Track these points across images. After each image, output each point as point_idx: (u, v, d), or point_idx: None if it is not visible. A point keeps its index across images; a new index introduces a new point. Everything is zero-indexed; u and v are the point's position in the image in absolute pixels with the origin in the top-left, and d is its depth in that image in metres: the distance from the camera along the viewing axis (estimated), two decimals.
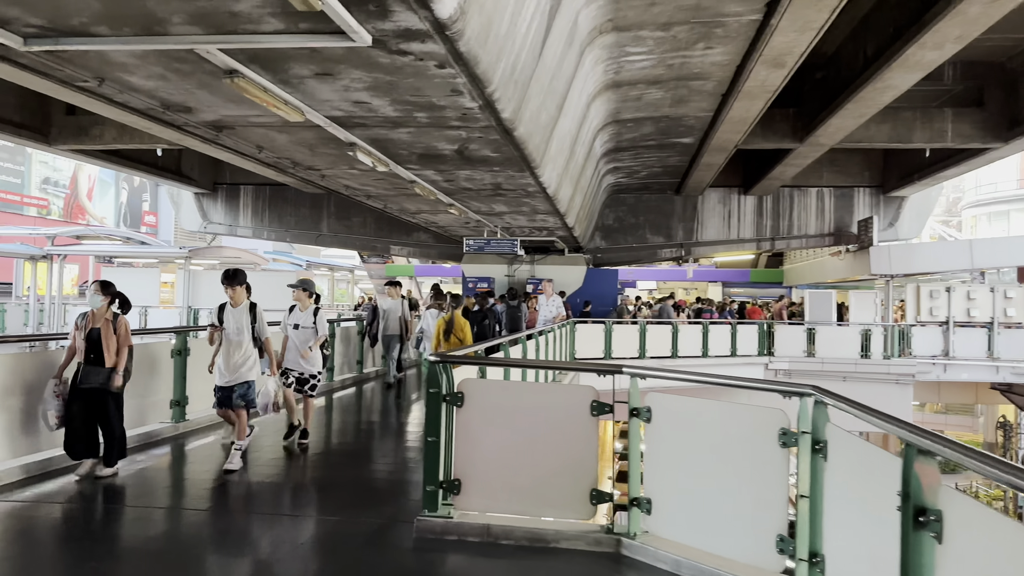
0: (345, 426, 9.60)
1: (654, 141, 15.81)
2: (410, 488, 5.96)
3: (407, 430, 9.11)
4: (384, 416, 10.43)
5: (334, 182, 11.26)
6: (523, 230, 16.92)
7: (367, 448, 8.14)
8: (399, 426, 9.49)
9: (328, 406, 11.02)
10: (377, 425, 9.69)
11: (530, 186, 10.70)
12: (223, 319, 6.54)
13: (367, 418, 10.37)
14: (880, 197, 22.16)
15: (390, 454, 7.73)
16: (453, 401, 4.63)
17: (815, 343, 20.96)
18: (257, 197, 23.73)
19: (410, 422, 9.67)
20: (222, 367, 6.53)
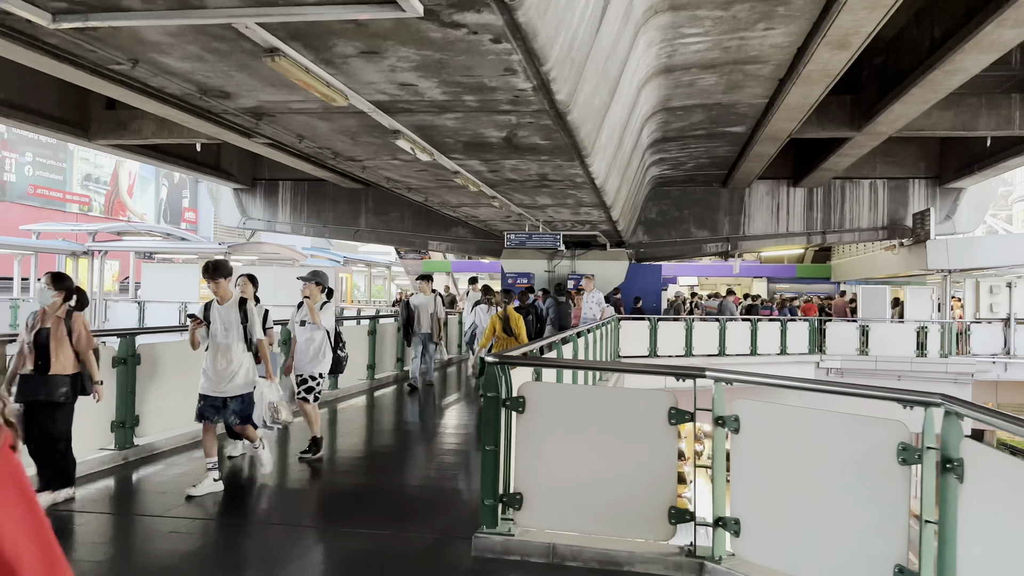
0: (382, 428, 9.15)
1: (703, 130, 15.22)
2: (459, 499, 5.55)
3: (449, 434, 8.65)
4: (423, 418, 9.93)
5: (375, 174, 10.89)
6: (565, 224, 16.44)
7: (407, 453, 7.69)
8: (440, 430, 9.05)
9: (368, 404, 10.62)
10: (416, 428, 9.21)
11: (578, 177, 10.23)
12: (209, 317, 5.68)
13: (405, 420, 9.85)
14: (936, 189, 21.26)
15: (433, 460, 7.29)
16: (513, 406, 4.20)
17: (868, 341, 20.20)
18: (295, 193, 23.56)
19: (452, 425, 9.23)
20: (209, 373, 5.65)
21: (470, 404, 11.12)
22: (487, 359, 4.30)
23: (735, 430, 3.83)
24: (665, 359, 17.71)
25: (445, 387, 13.28)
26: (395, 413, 10.34)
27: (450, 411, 10.75)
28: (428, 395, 11.60)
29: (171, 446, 6.94)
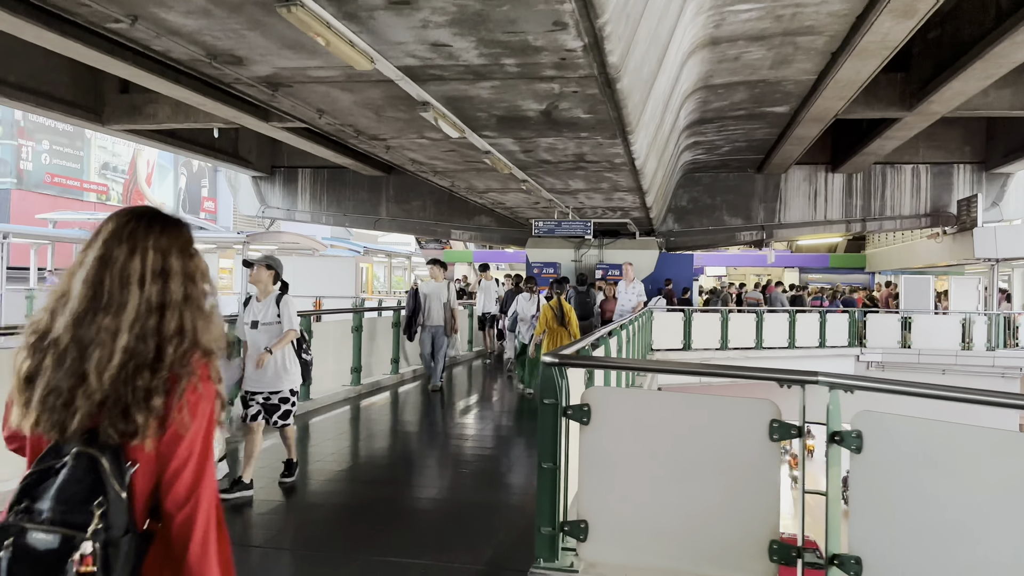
0: (388, 441, 8.09)
1: (743, 111, 14.39)
2: (499, 523, 4.85)
3: (467, 447, 7.66)
4: (432, 428, 8.68)
5: (399, 155, 10.19)
6: (596, 211, 15.68)
7: (419, 469, 6.72)
8: (456, 442, 7.95)
9: (358, 417, 9.17)
10: (426, 440, 8.03)
11: (617, 157, 9.48)
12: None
13: (412, 432, 8.50)
14: (982, 174, 20.27)
15: (452, 478, 6.38)
16: (576, 416, 3.49)
17: (911, 333, 19.29)
18: (315, 180, 22.97)
19: (469, 437, 8.25)
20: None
21: (505, 405, 10.33)
22: (544, 359, 3.60)
23: (856, 449, 3.10)
24: (699, 352, 16.95)
25: (471, 384, 12.59)
26: (397, 424, 9.00)
27: (480, 414, 9.79)
28: (441, 399, 10.40)
29: None
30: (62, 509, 1.38)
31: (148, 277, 1.54)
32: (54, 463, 1.43)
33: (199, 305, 1.61)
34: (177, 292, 1.57)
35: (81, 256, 1.57)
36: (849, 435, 3.13)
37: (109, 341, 1.48)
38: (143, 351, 1.50)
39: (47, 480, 1.42)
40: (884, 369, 19.49)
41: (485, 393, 11.70)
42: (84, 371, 1.46)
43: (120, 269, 1.53)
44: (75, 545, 1.35)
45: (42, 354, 1.50)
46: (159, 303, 1.54)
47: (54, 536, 1.36)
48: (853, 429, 3.14)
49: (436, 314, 10.46)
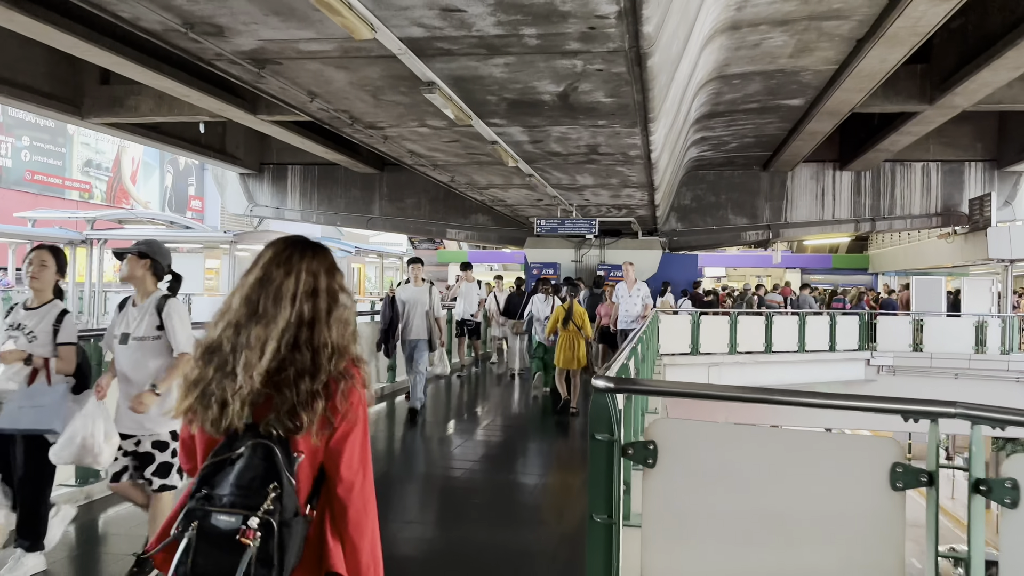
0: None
1: (756, 104, 13.71)
2: None
3: (462, 486, 6.16)
4: (412, 461, 7.22)
5: (397, 146, 9.44)
6: (600, 209, 14.97)
7: (403, 510, 5.37)
8: (447, 477, 6.49)
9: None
10: (413, 477, 6.55)
11: (633, 149, 8.78)
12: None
13: (385, 462, 6.88)
14: (995, 172, 19.67)
15: (456, 525, 5.00)
16: (640, 457, 2.75)
17: (923, 336, 18.65)
18: (305, 178, 22.20)
19: (467, 470, 6.78)
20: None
21: (501, 424, 9.08)
22: (596, 384, 2.87)
23: (1011, 503, 2.38)
24: (707, 356, 16.27)
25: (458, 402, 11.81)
26: (380, 447, 7.43)
27: (446, 449, 7.82)
28: (410, 426, 8.63)
29: None
30: (241, 494, 1.58)
31: (300, 295, 1.76)
32: (228, 455, 1.64)
33: (342, 318, 1.82)
34: (322, 307, 1.78)
35: (243, 280, 1.81)
36: (1000, 484, 2.41)
37: (258, 347, 1.70)
38: (300, 360, 1.72)
39: (223, 470, 1.63)
40: (896, 374, 18.88)
41: (470, 413, 10.27)
42: (235, 372, 1.69)
43: (276, 288, 1.75)
44: (247, 522, 1.54)
45: (205, 360, 1.74)
46: (310, 318, 1.76)
47: (236, 518, 1.56)
48: (1006, 478, 2.43)
49: (417, 325, 8.67)
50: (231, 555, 1.54)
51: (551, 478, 6.09)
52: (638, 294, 12.47)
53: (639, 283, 12.64)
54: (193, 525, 1.57)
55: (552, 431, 8.55)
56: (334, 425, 1.72)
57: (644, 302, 12.41)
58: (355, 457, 1.77)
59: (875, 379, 18.95)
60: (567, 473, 6.31)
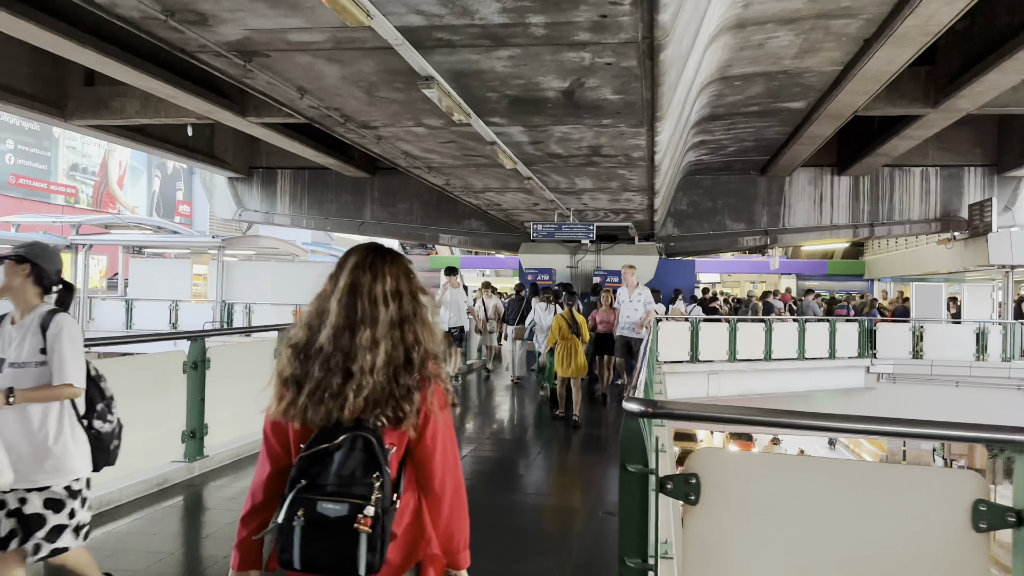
0: None
1: (757, 107, 13.41)
2: None
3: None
4: None
5: (391, 147, 9.08)
6: (598, 213, 14.63)
7: None
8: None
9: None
10: None
11: (636, 150, 8.45)
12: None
13: None
14: (994, 177, 19.46)
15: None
16: (679, 492, 2.39)
17: (923, 343, 18.41)
18: (295, 182, 21.80)
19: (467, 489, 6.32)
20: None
21: (491, 451, 7.70)
22: (628, 407, 2.51)
23: None
24: (706, 364, 15.95)
25: (474, 403, 11.41)
26: None
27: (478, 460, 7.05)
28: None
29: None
30: (344, 483, 1.70)
31: (389, 297, 1.91)
32: (326, 446, 1.75)
33: (423, 318, 1.95)
34: (408, 308, 1.93)
35: (331, 284, 1.95)
36: None
37: (372, 348, 1.84)
38: (397, 357, 1.86)
39: (320, 461, 1.74)
40: (896, 381, 18.62)
41: (467, 425, 9.41)
42: (350, 371, 1.81)
43: (367, 292, 1.89)
44: (362, 510, 1.67)
45: (305, 361, 1.85)
46: (399, 318, 1.90)
47: (343, 505, 1.68)
48: None
49: None
50: (336, 540, 1.67)
51: (558, 499, 5.71)
52: (639, 299, 11.55)
53: (640, 287, 11.76)
54: (300, 514, 1.67)
55: (558, 445, 8.13)
56: (428, 416, 1.85)
57: (647, 307, 11.45)
58: (447, 448, 1.91)
59: (875, 387, 18.70)
60: (574, 493, 5.95)
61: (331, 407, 1.78)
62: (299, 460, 1.75)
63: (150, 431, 5.50)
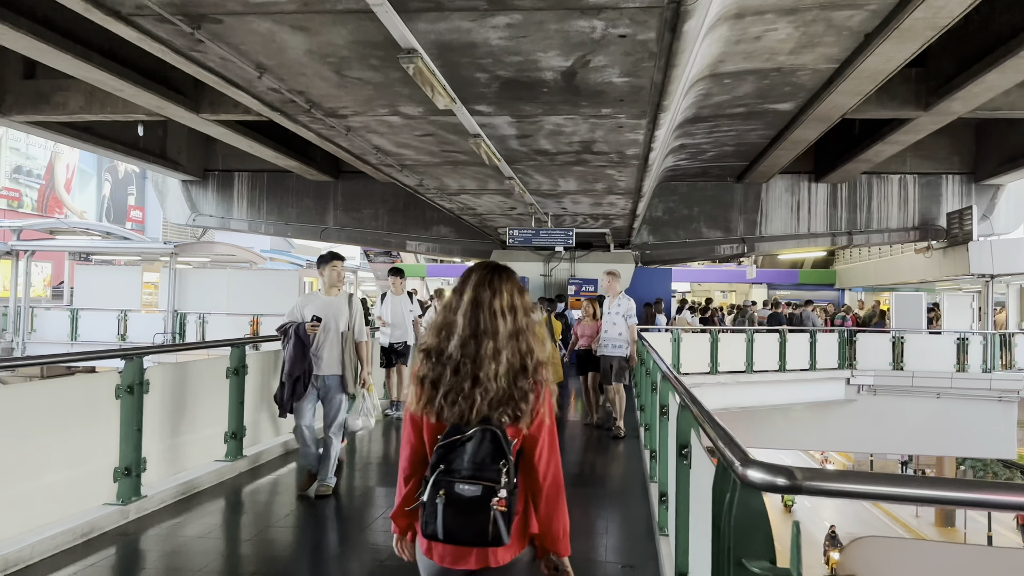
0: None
1: (743, 108, 12.80)
2: None
3: None
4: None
5: (361, 141, 8.20)
6: (577, 219, 13.89)
7: None
8: None
9: (235, 518, 5.39)
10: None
11: (632, 147, 7.71)
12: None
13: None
14: (972, 186, 19.18)
15: None
16: None
17: (903, 354, 18.00)
18: (253, 186, 20.72)
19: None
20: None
21: None
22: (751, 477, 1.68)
23: None
24: (686, 377, 15.27)
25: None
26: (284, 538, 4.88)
27: None
28: (340, 527, 5.24)
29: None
30: (477, 468, 2.00)
31: (507, 311, 2.18)
32: (458, 438, 2.05)
33: (532, 330, 2.22)
34: (522, 321, 2.20)
35: (455, 298, 2.23)
36: None
37: (495, 356, 2.11)
38: (515, 364, 2.14)
39: (455, 450, 2.03)
40: (876, 393, 18.18)
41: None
42: (478, 376, 2.10)
43: (488, 306, 2.16)
44: (495, 492, 1.97)
45: (440, 367, 2.14)
46: (514, 330, 2.17)
47: (478, 486, 1.98)
48: None
49: (329, 355, 5.70)
50: (472, 516, 1.98)
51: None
52: (618, 310, 9.69)
53: (623, 296, 9.80)
54: (441, 493, 1.99)
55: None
56: (539, 416, 2.15)
57: (628, 321, 9.61)
58: (552, 445, 2.20)
59: (855, 399, 18.25)
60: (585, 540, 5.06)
61: (463, 408, 2.07)
62: (437, 448, 2.05)
63: (74, 469, 4.56)
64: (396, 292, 9.19)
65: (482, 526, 1.95)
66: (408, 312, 9.41)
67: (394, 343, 9.16)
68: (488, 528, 1.95)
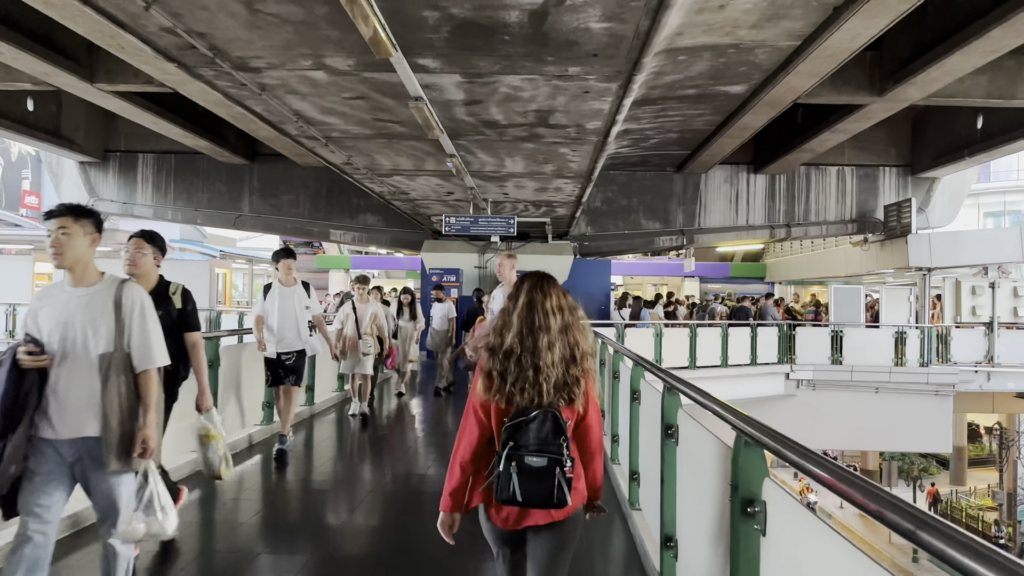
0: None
1: (694, 90, 12.05)
2: None
3: None
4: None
5: (278, 105, 6.96)
6: (518, 206, 12.90)
7: None
8: None
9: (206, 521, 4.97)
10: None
11: (595, 118, 6.76)
12: None
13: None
14: (908, 178, 19.08)
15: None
16: None
17: (842, 348, 17.72)
18: (160, 168, 19.00)
19: None
20: None
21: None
22: None
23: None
24: None
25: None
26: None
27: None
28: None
29: None
30: (541, 444, 2.40)
31: (557, 310, 2.56)
32: (523, 419, 2.42)
33: (578, 325, 2.60)
34: (569, 318, 2.58)
35: (511, 303, 2.61)
36: None
37: (550, 348, 2.50)
38: (567, 354, 2.53)
39: (521, 429, 2.42)
40: (815, 388, 17.85)
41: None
42: (539, 366, 2.47)
43: (541, 307, 2.54)
44: (561, 462, 2.39)
45: (504, 360, 2.50)
46: (563, 326, 2.55)
47: (543, 458, 2.39)
48: None
49: (75, 398, 3.26)
50: (540, 482, 2.39)
51: None
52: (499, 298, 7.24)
53: (498, 287, 7.54)
54: (513, 464, 2.39)
55: None
56: (588, 399, 2.56)
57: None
58: (599, 422, 2.65)
59: (795, 394, 17.88)
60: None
61: (532, 393, 2.46)
62: (507, 428, 2.45)
63: None
64: (285, 283, 6.94)
65: (549, 490, 2.38)
66: (303, 310, 7.02)
67: (283, 353, 6.91)
68: (554, 492, 2.38)
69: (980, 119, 16.08)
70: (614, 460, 6.41)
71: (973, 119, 16.19)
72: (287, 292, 6.92)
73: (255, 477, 6.12)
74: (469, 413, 2.54)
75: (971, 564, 1.28)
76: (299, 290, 6.98)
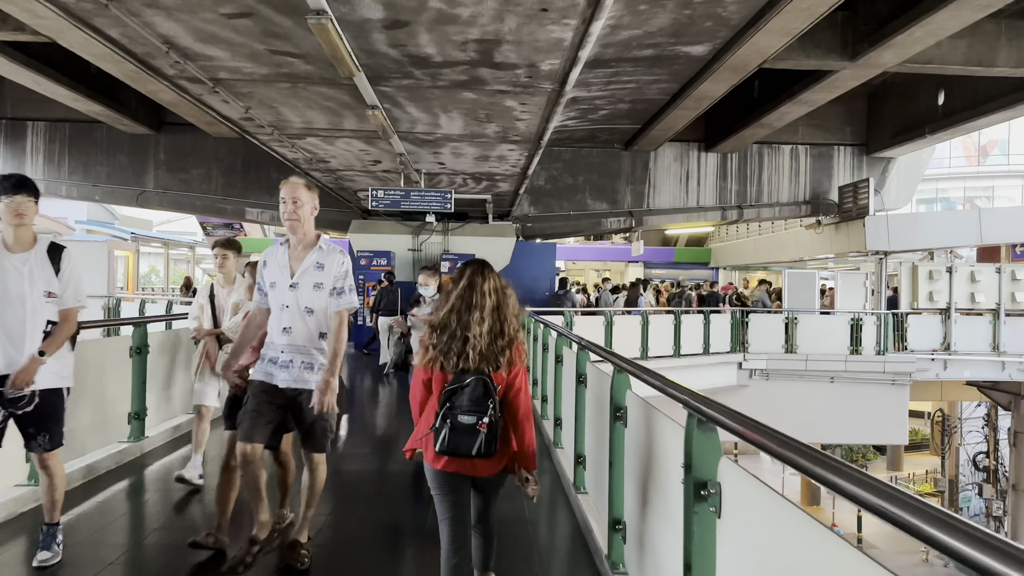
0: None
1: (652, 49, 10.79)
2: None
3: None
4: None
5: (136, 21, 5.24)
6: (455, 179, 11.44)
7: None
8: None
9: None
10: None
11: (553, 53, 5.39)
12: None
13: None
14: (863, 158, 18.28)
15: None
16: None
17: (796, 336, 16.86)
18: (52, 138, 16.93)
19: None
20: None
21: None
22: None
23: None
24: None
25: None
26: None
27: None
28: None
29: None
30: (472, 406, 2.86)
31: (492, 292, 3.04)
32: (459, 384, 2.89)
33: (509, 303, 3.08)
34: (501, 298, 3.05)
35: (454, 284, 3.09)
36: None
37: (480, 322, 2.96)
38: (495, 328, 2.99)
39: (457, 393, 2.88)
40: (769, 378, 16.95)
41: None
42: (467, 337, 2.94)
43: (480, 288, 3.02)
44: (480, 420, 2.84)
45: (440, 333, 2.98)
46: (496, 304, 3.03)
47: (472, 417, 2.85)
48: None
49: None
50: (468, 436, 2.84)
51: None
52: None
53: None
54: (447, 422, 2.85)
55: None
56: (515, 367, 3.02)
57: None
58: (526, 388, 3.09)
59: (748, 384, 16.96)
60: None
61: (460, 360, 2.92)
62: (444, 392, 2.91)
63: None
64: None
65: (475, 443, 2.84)
66: (41, 297, 3.86)
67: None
68: (480, 444, 2.84)
69: (942, 94, 15.30)
70: (557, 445, 6.60)
71: (933, 95, 15.42)
72: (15, 261, 3.72)
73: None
74: (416, 381, 3.09)
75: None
76: (37, 257, 3.77)
